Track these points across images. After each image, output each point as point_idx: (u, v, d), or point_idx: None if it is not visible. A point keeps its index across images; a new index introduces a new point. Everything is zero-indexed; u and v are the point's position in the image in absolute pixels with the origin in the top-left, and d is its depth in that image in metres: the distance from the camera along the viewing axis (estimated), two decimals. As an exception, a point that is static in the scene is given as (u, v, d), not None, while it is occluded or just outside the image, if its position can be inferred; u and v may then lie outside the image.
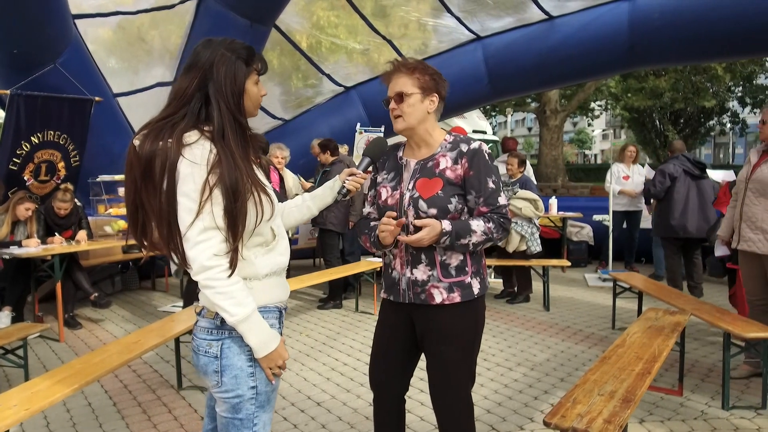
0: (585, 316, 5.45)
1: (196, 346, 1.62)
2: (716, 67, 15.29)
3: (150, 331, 3.27)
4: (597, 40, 7.15)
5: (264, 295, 1.62)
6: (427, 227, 1.87)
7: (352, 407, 3.34)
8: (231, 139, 1.55)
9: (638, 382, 2.43)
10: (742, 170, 3.75)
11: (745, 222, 3.57)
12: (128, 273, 6.69)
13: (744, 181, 3.62)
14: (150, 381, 3.78)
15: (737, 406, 3.28)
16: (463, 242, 1.90)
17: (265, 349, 1.56)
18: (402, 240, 1.92)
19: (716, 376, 3.76)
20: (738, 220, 3.64)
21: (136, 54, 7.14)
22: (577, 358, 4.21)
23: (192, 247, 1.49)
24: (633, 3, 6.94)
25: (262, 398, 1.61)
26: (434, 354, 2.02)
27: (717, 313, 3.60)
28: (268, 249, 1.64)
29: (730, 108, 26.02)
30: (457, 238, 1.89)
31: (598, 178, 21.53)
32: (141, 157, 1.52)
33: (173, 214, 1.51)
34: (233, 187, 1.49)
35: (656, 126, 27.73)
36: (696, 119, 27.89)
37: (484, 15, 7.46)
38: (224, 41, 1.60)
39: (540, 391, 3.57)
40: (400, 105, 1.96)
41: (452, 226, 1.88)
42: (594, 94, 19.33)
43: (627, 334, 3.13)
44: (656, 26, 6.74)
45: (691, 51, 6.97)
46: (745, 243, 3.56)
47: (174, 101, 1.58)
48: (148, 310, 5.73)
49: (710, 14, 6.37)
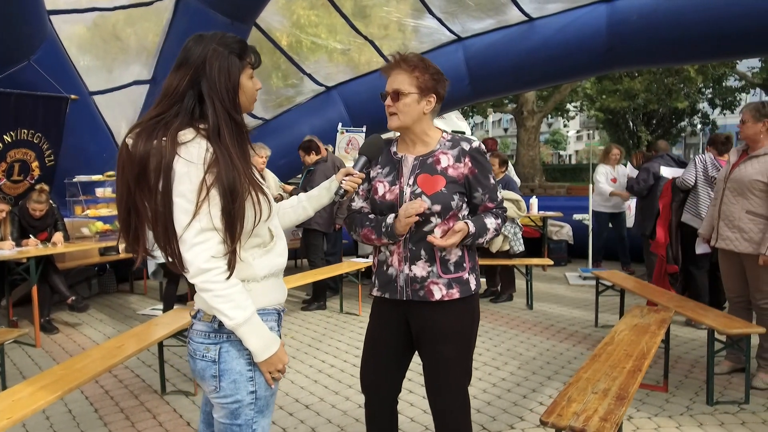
0: (568, 314, 5.50)
1: (192, 350, 1.58)
2: (689, 69, 15.63)
3: (133, 336, 3.18)
4: (576, 42, 7.24)
5: (263, 297, 1.58)
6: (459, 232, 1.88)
7: (341, 409, 3.31)
8: (227, 137, 1.50)
9: (630, 379, 2.45)
10: (721, 170, 3.82)
11: (723, 221, 3.61)
12: (106, 275, 6.53)
13: (723, 181, 3.67)
14: (132, 386, 3.69)
15: (721, 402, 3.33)
16: (480, 241, 1.95)
17: (266, 353, 1.52)
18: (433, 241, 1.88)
19: (699, 372, 3.82)
20: (716, 219, 3.69)
21: (111, 52, 7.00)
22: (562, 356, 4.24)
23: (189, 249, 1.44)
24: (611, 5, 7.04)
25: (261, 403, 1.57)
26: (432, 352, 2.00)
27: (700, 310, 3.66)
28: (266, 250, 1.60)
29: (701, 109, 26.66)
30: (478, 237, 1.93)
31: (574, 178, 21.86)
32: (135, 157, 1.46)
33: (169, 215, 1.46)
34: (231, 187, 1.45)
35: (629, 127, 28.25)
36: (668, 120, 28.48)
37: (465, 16, 7.49)
38: (216, 36, 1.56)
39: (528, 390, 3.58)
40: (396, 103, 1.94)
41: (475, 227, 1.91)
42: (570, 95, 19.59)
43: (615, 332, 3.15)
44: (634, 28, 6.85)
45: (668, 53, 7.10)
46: (723, 241, 3.62)
47: (165, 99, 1.52)
48: (126, 314, 5.60)
49: (686, 17, 6.50)
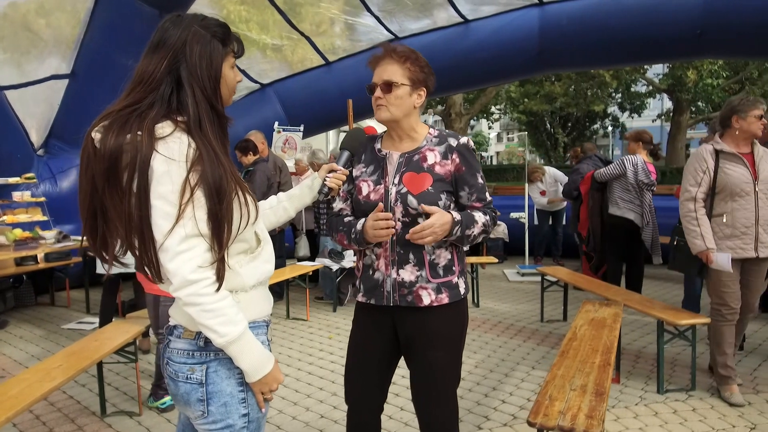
0: (513, 310, 5.60)
1: (173, 371, 1.40)
2: (604, 74, 16.54)
3: (71, 354, 2.87)
4: (510, 44, 7.42)
5: (252, 308, 1.43)
6: (435, 213, 1.76)
7: (302, 421, 3.15)
8: (209, 129, 1.34)
9: (602, 374, 2.48)
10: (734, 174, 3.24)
11: (762, 227, 3.23)
12: (22, 287, 5.93)
13: (750, 184, 3.22)
14: (67, 409, 3.34)
15: (670, 390, 3.47)
16: (468, 233, 1.82)
17: (260, 373, 1.37)
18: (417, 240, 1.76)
19: (644, 362, 3.98)
20: (753, 226, 3.23)
21: (22, 44, 6.39)
22: (515, 352, 4.29)
23: (172, 258, 1.27)
24: (542, 9, 7.27)
25: (253, 426, 1.42)
26: (422, 359, 1.91)
27: (647, 302, 3.81)
28: (253, 256, 1.44)
29: (611, 113, 28.38)
30: (466, 228, 1.81)
31: (499, 178, 22.59)
32: (103, 153, 1.27)
33: (146, 220, 1.28)
34: (217, 187, 1.29)
35: (548, 129, 29.58)
36: (582, 123, 30.08)
37: (403, 16, 7.50)
38: (197, 17, 1.39)
39: (488, 388, 3.57)
40: (387, 95, 1.83)
41: (460, 215, 1.81)
42: (494, 98, 20.20)
43: (575, 327, 3.21)
44: (564, 32, 7.11)
45: (595, 56, 7.44)
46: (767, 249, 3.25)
47: (138, 86, 1.34)
48: (50, 329, 5.11)
49: (612, 22, 6.82)
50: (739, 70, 17.55)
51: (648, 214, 5.05)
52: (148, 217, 1.28)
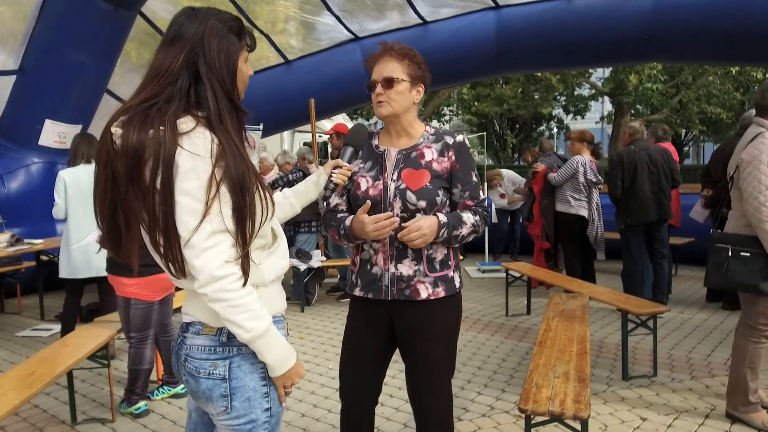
0: (478, 305, 5.73)
1: (194, 368, 1.39)
2: (551, 78, 17.10)
3: (43, 360, 2.76)
4: (467, 46, 7.56)
5: (272, 303, 1.44)
6: (420, 219, 1.81)
7: (284, 421, 3.14)
8: (229, 125, 1.35)
9: (581, 361, 2.61)
10: None
11: None
12: (-32, 295, 5.61)
13: None
14: (34, 419, 3.20)
15: (633, 377, 3.66)
16: (456, 234, 1.87)
17: (284, 367, 1.38)
18: (400, 236, 1.81)
19: (606, 351, 4.18)
20: None
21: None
22: (485, 346, 4.40)
23: (198, 255, 1.26)
24: (499, 12, 7.46)
25: (274, 421, 1.43)
26: (419, 351, 1.96)
27: (611, 294, 4.00)
28: (270, 251, 1.45)
29: (556, 115, 29.32)
30: (453, 229, 1.86)
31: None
32: (126, 149, 1.26)
33: (171, 216, 1.27)
34: (241, 182, 1.30)
35: (497, 130, 30.27)
36: (529, 125, 30.92)
37: (363, 16, 7.53)
38: (211, 11, 1.39)
39: (464, 381, 3.66)
40: (388, 91, 1.87)
41: (447, 217, 1.85)
42: (446, 99, 20.50)
43: (548, 319, 3.34)
44: (521, 35, 7.32)
45: (551, 58, 7.69)
46: None
47: (155, 79, 1.32)
48: (4, 337, 4.85)
49: (567, 26, 7.08)
50: (675, 75, 18.50)
51: (594, 211, 5.38)
52: (173, 214, 1.27)
